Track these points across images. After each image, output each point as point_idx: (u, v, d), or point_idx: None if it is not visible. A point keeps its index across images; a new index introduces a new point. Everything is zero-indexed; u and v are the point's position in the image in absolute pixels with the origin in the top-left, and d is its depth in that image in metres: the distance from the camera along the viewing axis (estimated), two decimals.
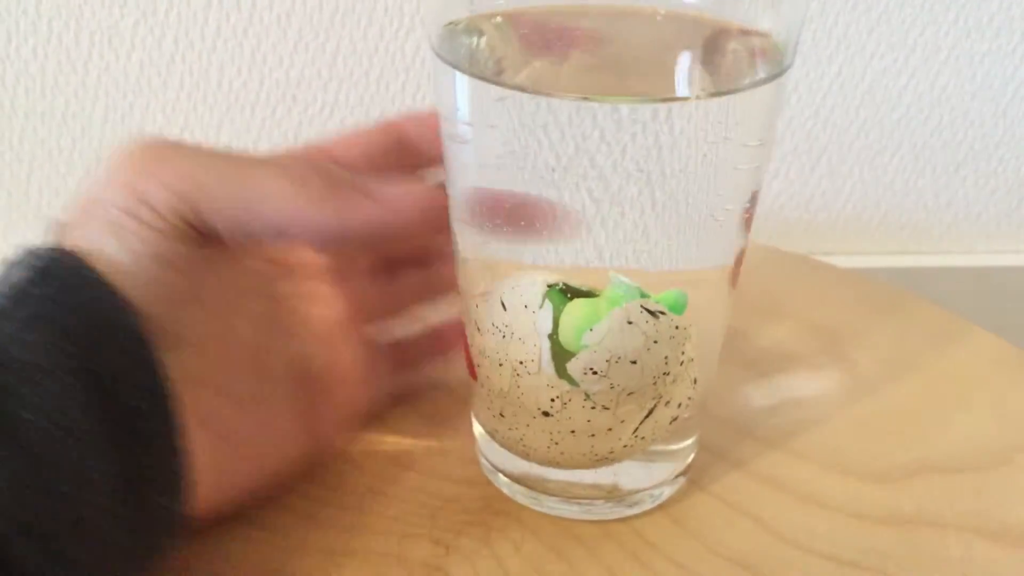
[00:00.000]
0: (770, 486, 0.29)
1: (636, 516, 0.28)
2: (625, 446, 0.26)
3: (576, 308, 0.25)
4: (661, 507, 0.28)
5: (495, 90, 0.23)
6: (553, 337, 0.25)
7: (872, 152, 0.51)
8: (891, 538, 0.28)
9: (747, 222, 0.26)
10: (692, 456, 0.29)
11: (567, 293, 0.25)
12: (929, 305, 0.38)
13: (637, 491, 0.28)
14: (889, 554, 0.27)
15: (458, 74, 0.24)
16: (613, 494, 0.28)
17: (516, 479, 0.28)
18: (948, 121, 0.50)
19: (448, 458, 0.30)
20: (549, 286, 0.25)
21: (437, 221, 0.26)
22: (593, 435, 0.26)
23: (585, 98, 0.22)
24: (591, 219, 0.24)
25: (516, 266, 0.25)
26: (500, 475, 0.29)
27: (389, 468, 0.30)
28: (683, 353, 0.25)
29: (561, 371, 0.25)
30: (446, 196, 0.26)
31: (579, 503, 0.28)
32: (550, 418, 0.26)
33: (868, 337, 0.36)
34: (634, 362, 0.25)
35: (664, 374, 0.25)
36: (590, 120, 0.22)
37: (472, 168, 0.25)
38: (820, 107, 0.49)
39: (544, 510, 0.28)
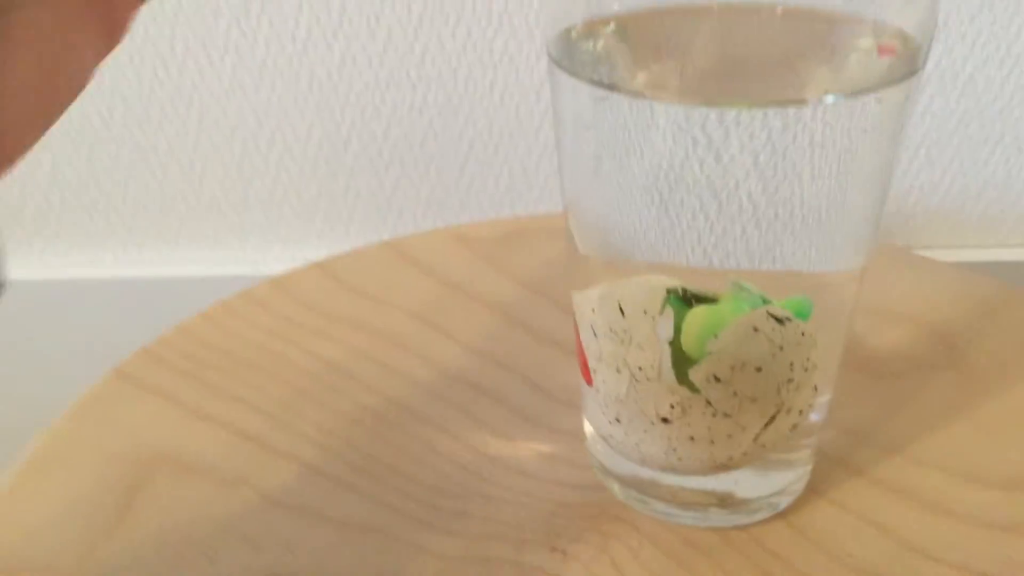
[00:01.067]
0: (893, 493, 0.29)
1: (755, 524, 0.28)
2: (745, 453, 0.26)
3: (699, 314, 0.24)
4: (780, 515, 0.28)
5: (612, 96, 0.23)
6: (674, 343, 0.24)
7: (973, 143, 0.49)
8: (1022, 547, 0.27)
9: (875, 226, 0.25)
10: (811, 464, 0.29)
11: (687, 298, 0.24)
12: None
13: (754, 499, 0.28)
14: (1022, 563, 0.26)
15: (576, 81, 0.23)
16: (727, 501, 0.27)
17: (629, 483, 0.28)
18: None
19: (559, 462, 0.30)
20: (668, 291, 0.24)
21: None
22: (713, 442, 0.25)
23: (704, 103, 0.22)
24: (714, 223, 0.23)
25: (633, 265, 0.25)
26: (612, 479, 0.29)
27: (501, 472, 0.30)
28: (808, 360, 0.25)
29: (682, 377, 0.24)
30: None
31: (694, 509, 0.28)
32: (669, 424, 0.25)
33: (982, 337, 0.35)
34: (759, 369, 0.24)
35: (788, 381, 0.25)
36: (711, 125, 0.22)
37: (591, 174, 0.25)
38: (920, 97, 0.48)
39: (658, 516, 0.28)
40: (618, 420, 0.26)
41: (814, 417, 0.27)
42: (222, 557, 0.27)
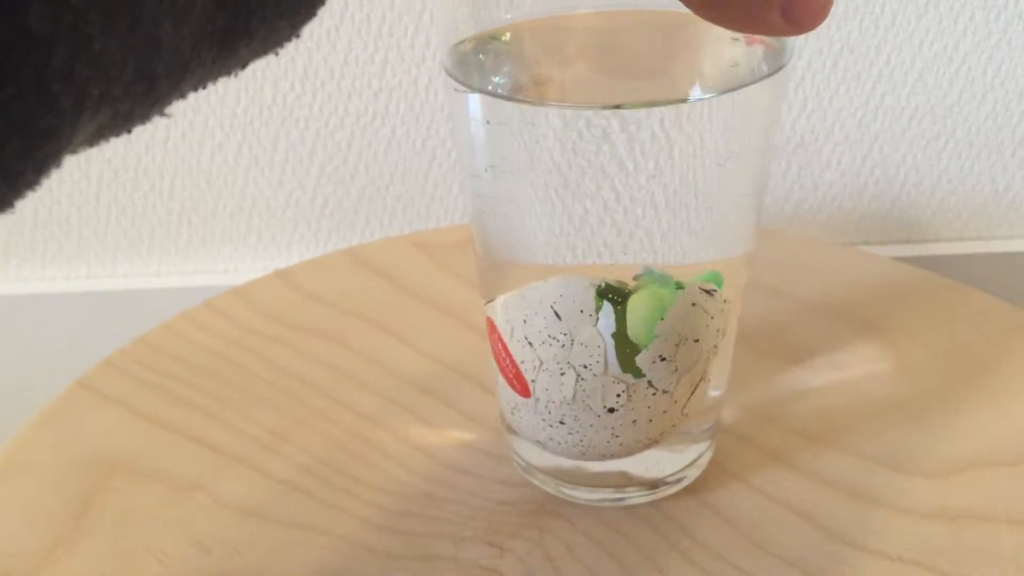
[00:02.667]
0: (811, 479, 0.30)
1: (671, 503, 0.29)
2: (674, 425, 0.27)
3: (641, 302, 0.25)
4: (691, 492, 0.29)
5: (507, 105, 0.24)
6: (618, 334, 0.25)
7: (925, 140, 0.50)
8: (942, 533, 0.28)
9: (758, 211, 0.27)
10: (715, 441, 0.30)
11: (610, 292, 0.25)
12: (980, 295, 0.38)
13: (667, 475, 0.29)
14: (941, 550, 0.27)
15: (470, 92, 0.24)
16: (640, 480, 0.29)
17: (553, 474, 0.29)
18: (1003, 105, 0.49)
19: (504, 463, 0.31)
20: (596, 288, 0.25)
21: None
22: (651, 420, 0.27)
23: (588, 106, 0.23)
24: (605, 219, 0.25)
25: (534, 269, 0.26)
26: (537, 473, 0.30)
27: (446, 472, 0.31)
28: (727, 325, 0.27)
29: (627, 365, 0.25)
30: None
31: (613, 491, 0.29)
32: (614, 414, 0.26)
33: (917, 328, 0.36)
34: (696, 341, 0.26)
35: (714, 347, 0.26)
36: (598, 126, 0.23)
37: (492, 184, 0.26)
38: (870, 96, 0.49)
39: (581, 501, 0.29)
40: (562, 422, 0.27)
41: (714, 393, 0.28)
42: (172, 560, 0.28)
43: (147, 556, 0.28)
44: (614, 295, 0.25)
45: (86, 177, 0.50)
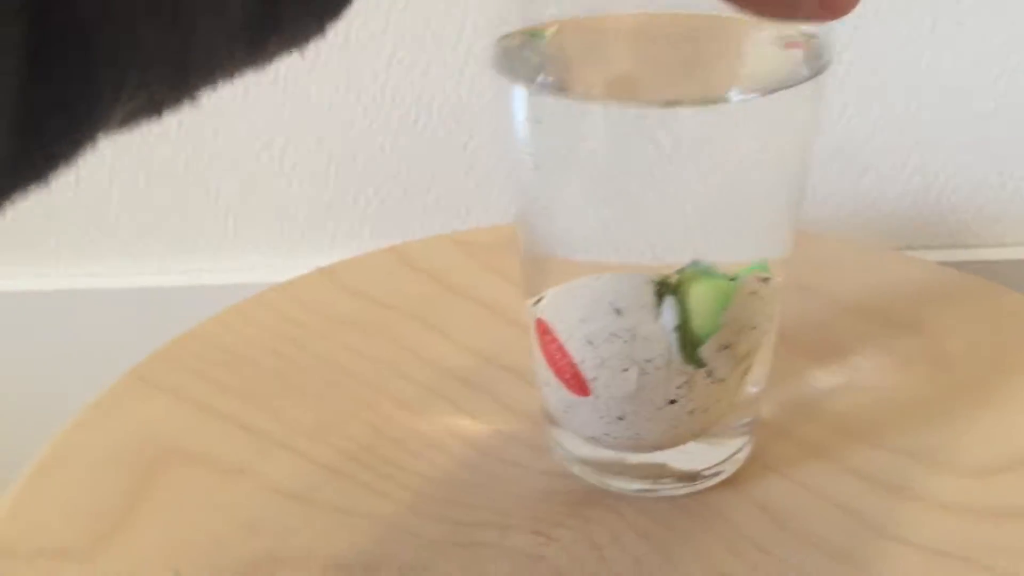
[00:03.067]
0: (855, 476, 0.30)
1: (709, 494, 0.29)
2: (724, 414, 0.28)
3: (707, 292, 0.26)
4: (734, 485, 0.29)
5: (553, 101, 0.24)
6: (682, 327, 0.26)
7: (965, 146, 0.50)
8: (984, 530, 0.28)
9: (796, 213, 0.27)
10: (753, 436, 0.31)
11: (670, 286, 0.26)
12: (1021, 296, 0.38)
13: (706, 468, 0.29)
14: (983, 545, 0.27)
15: (516, 87, 0.25)
16: (679, 473, 0.29)
17: (594, 466, 0.30)
18: None
19: (547, 453, 0.31)
20: (655, 282, 0.26)
21: None
22: (707, 410, 0.27)
23: (636, 102, 0.24)
24: (649, 217, 0.25)
25: (578, 265, 0.27)
26: (576, 463, 0.30)
27: (491, 463, 0.31)
28: (775, 312, 0.28)
29: (690, 356, 0.26)
30: None
31: (654, 482, 0.29)
32: (674, 405, 0.27)
33: (957, 328, 0.36)
34: (754, 328, 0.26)
35: (765, 334, 0.27)
36: (643, 125, 0.24)
37: (538, 181, 0.26)
38: (910, 101, 0.49)
39: (622, 491, 0.30)
40: (621, 418, 0.27)
41: (753, 389, 0.29)
42: (224, 542, 0.28)
43: (202, 538, 0.29)
44: (675, 288, 0.26)
45: (134, 178, 0.51)
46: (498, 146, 0.50)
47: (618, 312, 0.26)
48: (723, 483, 0.30)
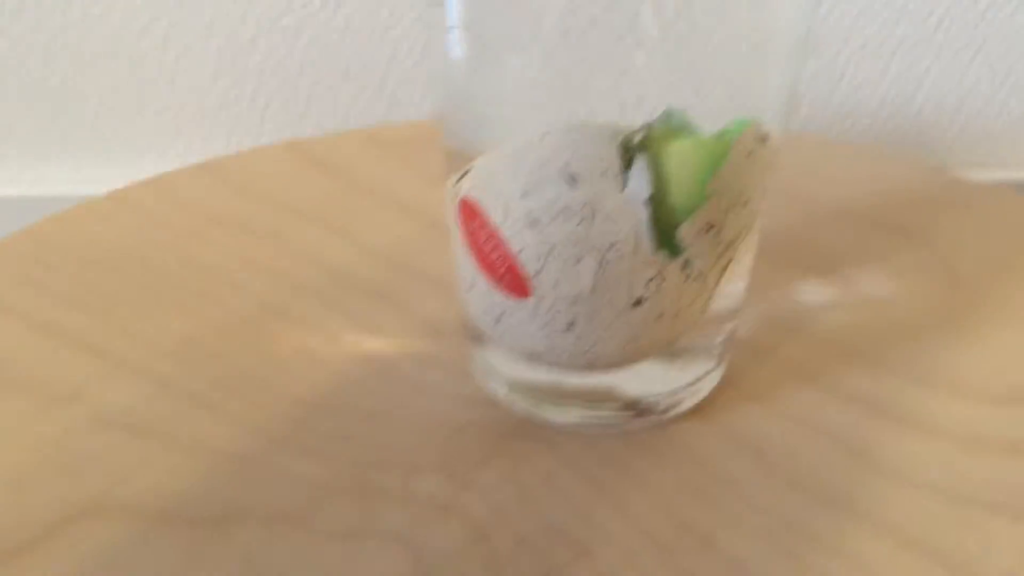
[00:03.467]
0: (848, 402, 0.24)
1: (673, 425, 0.23)
2: (696, 323, 0.21)
3: (687, 153, 0.19)
4: (704, 415, 0.23)
5: None
6: (656, 199, 0.19)
7: (952, 50, 0.44)
8: (1009, 467, 0.22)
9: (797, 49, 0.20)
10: (727, 357, 0.25)
11: (641, 143, 0.19)
12: None
13: (668, 392, 0.23)
14: (1007, 485, 0.21)
15: None
16: (635, 403, 0.23)
17: (523, 390, 0.23)
18: None
19: (465, 377, 0.25)
20: (620, 138, 0.19)
21: None
22: (677, 314, 0.21)
23: None
24: (611, 62, 0.18)
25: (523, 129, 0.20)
26: (505, 387, 0.24)
27: (392, 388, 0.24)
28: (766, 185, 0.21)
29: (664, 239, 0.19)
30: None
31: (604, 410, 0.23)
32: (640, 307, 0.20)
33: (964, 236, 0.31)
34: (747, 203, 0.20)
35: (757, 213, 0.21)
36: None
37: (467, 34, 0.19)
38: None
39: (560, 424, 0.23)
40: (571, 325, 0.21)
41: (733, 292, 0.23)
42: (39, 485, 0.21)
43: (9, 478, 0.21)
44: (649, 147, 0.19)
45: None
46: (423, 34, 0.43)
47: (572, 180, 0.19)
48: (689, 413, 0.24)
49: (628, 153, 0.19)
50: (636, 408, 0.23)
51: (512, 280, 0.20)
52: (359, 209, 0.32)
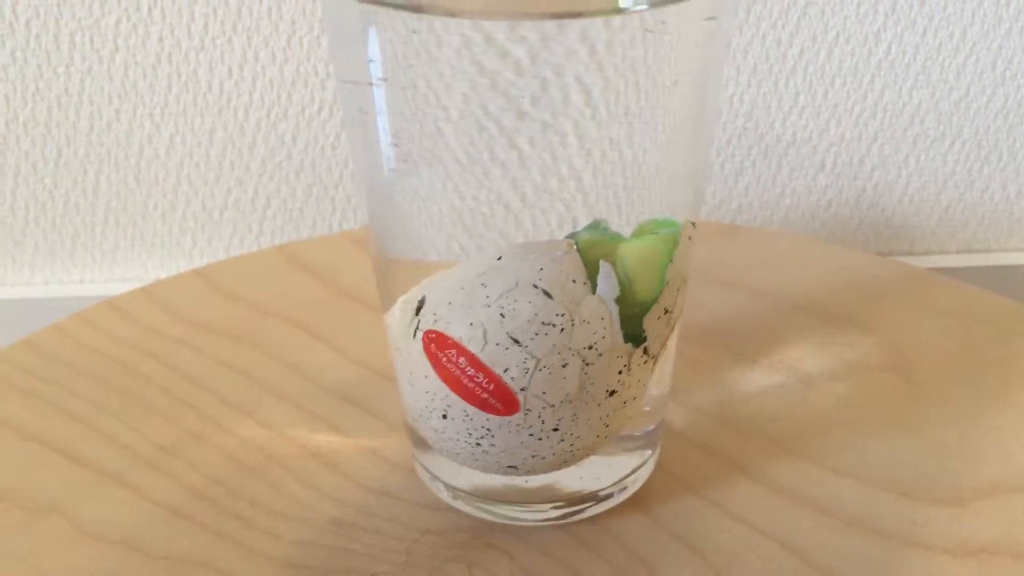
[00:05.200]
0: (802, 505, 0.24)
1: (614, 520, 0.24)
2: (646, 400, 0.23)
3: (647, 249, 0.21)
4: (640, 503, 0.24)
5: (423, 19, 0.19)
6: (623, 296, 0.20)
7: (929, 139, 0.45)
8: (962, 571, 0.22)
9: (704, 166, 0.22)
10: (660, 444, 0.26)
11: (603, 248, 0.20)
12: (997, 299, 0.33)
13: (609, 486, 0.24)
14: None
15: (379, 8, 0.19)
16: (579, 496, 0.24)
17: (476, 495, 0.24)
18: (1014, 101, 0.45)
19: (433, 484, 0.26)
20: (576, 246, 0.20)
21: None
22: (635, 397, 0.22)
23: (512, 16, 0.18)
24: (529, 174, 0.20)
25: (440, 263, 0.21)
26: (459, 493, 0.25)
27: (364, 496, 0.25)
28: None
29: (629, 332, 0.21)
30: None
31: (551, 507, 0.24)
32: (613, 397, 0.21)
33: (919, 330, 0.31)
34: (686, 282, 0.22)
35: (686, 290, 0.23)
36: (524, 44, 0.18)
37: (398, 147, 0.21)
38: (868, 90, 0.44)
39: (513, 522, 0.24)
40: (556, 428, 0.21)
41: (656, 391, 0.24)
42: None
43: None
44: (607, 251, 0.20)
45: (0, 172, 0.45)
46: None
47: (547, 294, 0.20)
48: (625, 504, 0.25)
49: (592, 258, 0.20)
50: (575, 503, 0.24)
51: (501, 400, 0.21)
52: (342, 313, 0.33)
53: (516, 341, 0.20)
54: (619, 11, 0.18)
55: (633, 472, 0.25)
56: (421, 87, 0.19)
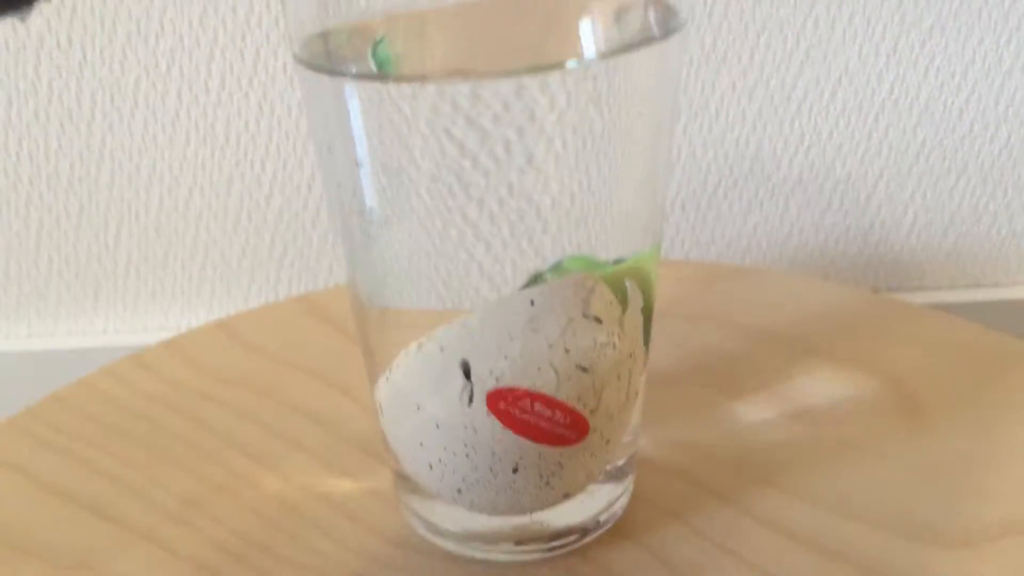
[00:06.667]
0: (802, 545, 0.25)
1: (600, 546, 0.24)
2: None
3: (647, 263, 0.23)
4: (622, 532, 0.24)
5: (387, 87, 0.20)
6: (645, 305, 0.23)
7: (934, 176, 0.46)
8: None
9: (660, 203, 0.23)
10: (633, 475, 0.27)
11: (620, 273, 0.22)
12: (1002, 336, 0.33)
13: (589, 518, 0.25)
14: None
15: (341, 79, 0.20)
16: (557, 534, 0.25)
17: (466, 538, 0.25)
18: (1018, 137, 0.45)
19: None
20: (591, 271, 0.22)
21: None
22: (638, 395, 0.24)
23: (485, 76, 0.19)
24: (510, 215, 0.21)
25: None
26: (446, 538, 0.26)
27: (389, 548, 0.26)
28: None
29: (646, 335, 0.24)
30: None
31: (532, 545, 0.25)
32: (631, 401, 0.23)
33: (938, 378, 0.32)
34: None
35: None
36: (497, 99, 0.19)
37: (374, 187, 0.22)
38: (873, 129, 0.45)
39: (504, 559, 0.25)
40: (609, 441, 0.23)
41: (635, 420, 0.25)
42: None
43: None
44: (624, 273, 0.22)
45: (25, 226, 0.46)
46: None
47: (597, 320, 0.21)
48: (608, 534, 0.26)
49: (617, 281, 0.22)
50: (560, 537, 0.25)
51: (573, 428, 0.22)
52: (360, 364, 0.34)
53: (584, 369, 0.21)
54: (568, 67, 0.20)
55: (614, 502, 0.26)
56: (393, 155, 0.20)
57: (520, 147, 0.20)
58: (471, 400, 0.21)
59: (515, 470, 0.22)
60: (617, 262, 0.22)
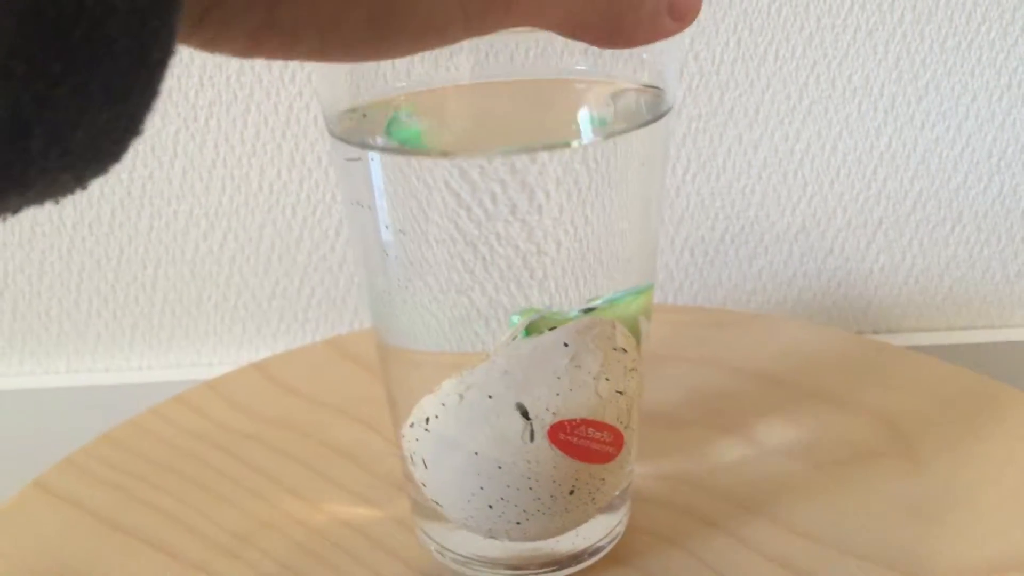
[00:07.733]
0: (756, 553, 0.27)
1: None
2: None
3: (643, 303, 0.26)
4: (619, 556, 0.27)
5: (412, 160, 0.23)
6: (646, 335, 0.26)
7: (931, 224, 0.49)
8: None
9: (653, 255, 0.27)
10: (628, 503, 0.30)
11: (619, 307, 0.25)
12: (994, 382, 0.35)
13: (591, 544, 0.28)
14: None
15: (371, 151, 0.23)
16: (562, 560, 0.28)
17: (481, 563, 0.28)
18: (1010, 188, 0.48)
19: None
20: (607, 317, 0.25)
21: None
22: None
23: (507, 151, 0.22)
24: (493, 269, 0.24)
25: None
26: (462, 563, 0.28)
27: None
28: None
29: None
30: None
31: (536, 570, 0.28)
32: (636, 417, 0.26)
33: (933, 423, 0.34)
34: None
35: None
36: (504, 177, 0.23)
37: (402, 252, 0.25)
38: (872, 180, 0.48)
39: None
40: (630, 451, 0.26)
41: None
42: None
43: None
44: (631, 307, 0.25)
45: (67, 268, 0.49)
46: None
47: (625, 350, 0.25)
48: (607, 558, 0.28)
49: (629, 314, 0.25)
50: (563, 563, 0.27)
51: (614, 444, 0.25)
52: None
53: (620, 392, 0.24)
54: (573, 145, 0.23)
55: (612, 530, 0.28)
56: (412, 219, 0.23)
57: (524, 212, 0.23)
58: (532, 437, 0.24)
59: (571, 492, 0.25)
60: (587, 310, 0.25)
